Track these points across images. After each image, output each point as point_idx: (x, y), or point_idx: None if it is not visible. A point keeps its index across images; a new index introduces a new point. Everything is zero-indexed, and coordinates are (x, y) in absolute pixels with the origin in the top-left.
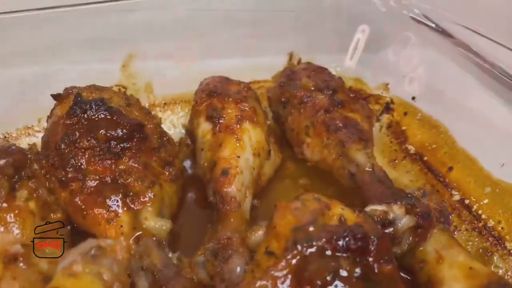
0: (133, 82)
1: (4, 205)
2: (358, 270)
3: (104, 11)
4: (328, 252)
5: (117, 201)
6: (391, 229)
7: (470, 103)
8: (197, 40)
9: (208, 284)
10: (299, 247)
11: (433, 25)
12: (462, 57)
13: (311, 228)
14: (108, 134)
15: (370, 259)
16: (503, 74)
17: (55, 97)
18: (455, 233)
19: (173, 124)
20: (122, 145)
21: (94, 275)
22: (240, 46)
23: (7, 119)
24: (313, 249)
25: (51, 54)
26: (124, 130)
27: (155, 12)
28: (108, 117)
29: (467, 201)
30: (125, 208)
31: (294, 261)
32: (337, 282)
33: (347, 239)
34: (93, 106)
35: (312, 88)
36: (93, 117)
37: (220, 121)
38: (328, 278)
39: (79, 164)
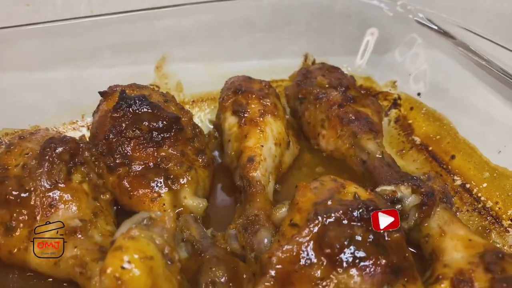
0: (165, 82)
1: (63, 185)
2: (370, 236)
3: (134, 19)
4: (345, 222)
5: (160, 183)
6: (399, 206)
7: (470, 98)
8: (219, 44)
9: (239, 254)
10: (319, 217)
11: (436, 28)
12: (462, 56)
13: (329, 203)
14: (150, 126)
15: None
16: (500, 71)
17: (102, 94)
18: (457, 214)
19: (201, 119)
20: (162, 135)
21: (149, 239)
22: (258, 49)
23: (54, 116)
24: (331, 219)
25: (89, 58)
26: (164, 122)
27: (180, 20)
28: (149, 111)
29: (468, 185)
30: (166, 189)
31: (315, 229)
32: (352, 246)
33: (361, 210)
34: (137, 101)
35: (327, 86)
36: (136, 111)
37: (245, 115)
38: (345, 242)
39: (125, 151)
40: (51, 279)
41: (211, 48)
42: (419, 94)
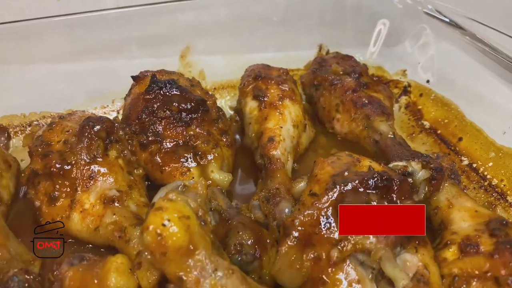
0: (189, 70)
1: (100, 160)
2: (384, 202)
3: (157, 12)
4: (361, 189)
5: (189, 158)
6: (410, 180)
7: (476, 84)
8: (237, 37)
9: (262, 222)
10: (337, 186)
11: (444, 19)
12: (470, 45)
13: (346, 174)
14: (180, 107)
15: (394, 195)
16: (505, 58)
17: (134, 78)
18: (465, 191)
19: (221, 105)
20: (190, 116)
21: (185, 202)
22: (274, 42)
23: (83, 103)
24: (349, 187)
25: (115, 50)
26: (192, 104)
27: (200, 14)
28: (178, 93)
29: (474, 165)
30: (195, 164)
31: (334, 196)
32: None
33: (375, 179)
34: (167, 85)
35: (341, 73)
36: (167, 93)
37: (265, 99)
38: None
39: (157, 130)
40: (90, 246)
41: (229, 40)
42: (428, 81)
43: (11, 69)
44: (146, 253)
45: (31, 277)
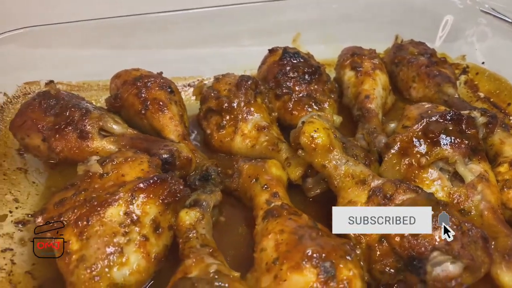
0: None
1: (253, 102)
2: (457, 129)
3: (264, 9)
4: (441, 120)
5: (312, 105)
6: None
7: None
8: (327, 30)
9: (365, 148)
10: (424, 119)
11: (498, 15)
12: None
13: (429, 112)
14: (304, 70)
15: (463, 125)
16: None
17: (270, 50)
18: None
19: None
20: (310, 77)
21: (323, 120)
22: (353, 35)
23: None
24: (432, 119)
25: (231, 39)
26: (312, 69)
27: (297, 12)
28: (302, 61)
29: None
30: (316, 108)
31: (422, 125)
32: (446, 132)
33: (451, 114)
34: (295, 55)
35: (416, 53)
36: (294, 60)
37: (361, 69)
38: (442, 131)
39: (288, 85)
40: None
41: (321, 32)
42: (483, 62)
43: (151, 52)
44: (300, 151)
45: (219, 169)
